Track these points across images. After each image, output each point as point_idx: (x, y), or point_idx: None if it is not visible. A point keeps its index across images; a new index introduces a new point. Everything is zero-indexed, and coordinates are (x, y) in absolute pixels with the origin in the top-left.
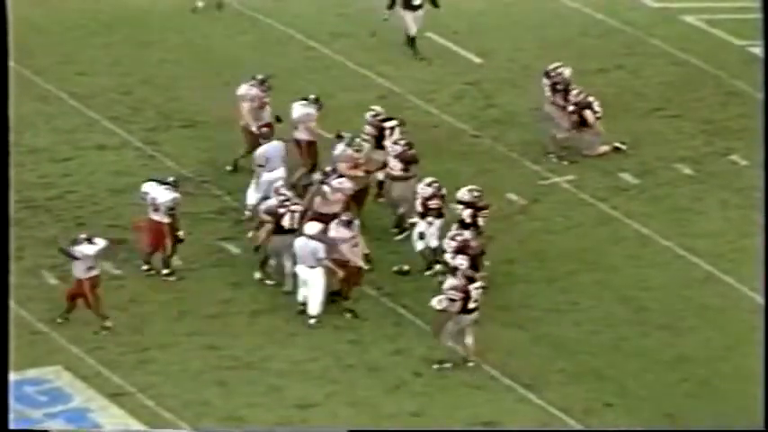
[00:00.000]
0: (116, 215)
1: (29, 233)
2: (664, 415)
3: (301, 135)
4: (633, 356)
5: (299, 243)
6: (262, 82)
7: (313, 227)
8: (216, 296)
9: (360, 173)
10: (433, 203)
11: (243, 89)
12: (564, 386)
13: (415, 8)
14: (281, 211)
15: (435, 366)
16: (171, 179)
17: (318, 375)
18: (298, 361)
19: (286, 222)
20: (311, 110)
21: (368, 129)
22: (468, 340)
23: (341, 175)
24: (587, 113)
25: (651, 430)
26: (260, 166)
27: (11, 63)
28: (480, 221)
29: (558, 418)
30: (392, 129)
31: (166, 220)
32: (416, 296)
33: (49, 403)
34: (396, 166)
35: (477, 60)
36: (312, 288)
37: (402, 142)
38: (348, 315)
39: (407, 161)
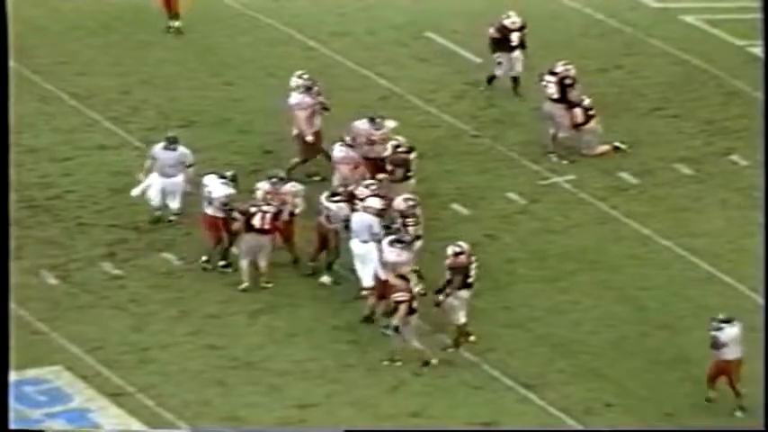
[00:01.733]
0: (116, 215)
1: (28, 233)
2: (664, 415)
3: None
4: (633, 356)
5: (356, 218)
6: (309, 89)
7: (374, 201)
8: (216, 296)
9: (357, 175)
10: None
11: (296, 99)
12: (564, 386)
13: (512, 49)
14: (253, 210)
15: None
16: (229, 174)
17: (318, 375)
18: (297, 361)
19: (256, 222)
20: (370, 129)
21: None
22: (416, 343)
23: (291, 180)
24: (576, 111)
25: (651, 430)
26: (190, 166)
27: (11, 63)
28: (410, 230)
29: (557, 418)
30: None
31: (220, 214)
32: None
33: (48, 403)
34: (392, 170)
35: (478, 60)
36: (366, 262)
37: (393, 143)
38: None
39: (399, 164)
